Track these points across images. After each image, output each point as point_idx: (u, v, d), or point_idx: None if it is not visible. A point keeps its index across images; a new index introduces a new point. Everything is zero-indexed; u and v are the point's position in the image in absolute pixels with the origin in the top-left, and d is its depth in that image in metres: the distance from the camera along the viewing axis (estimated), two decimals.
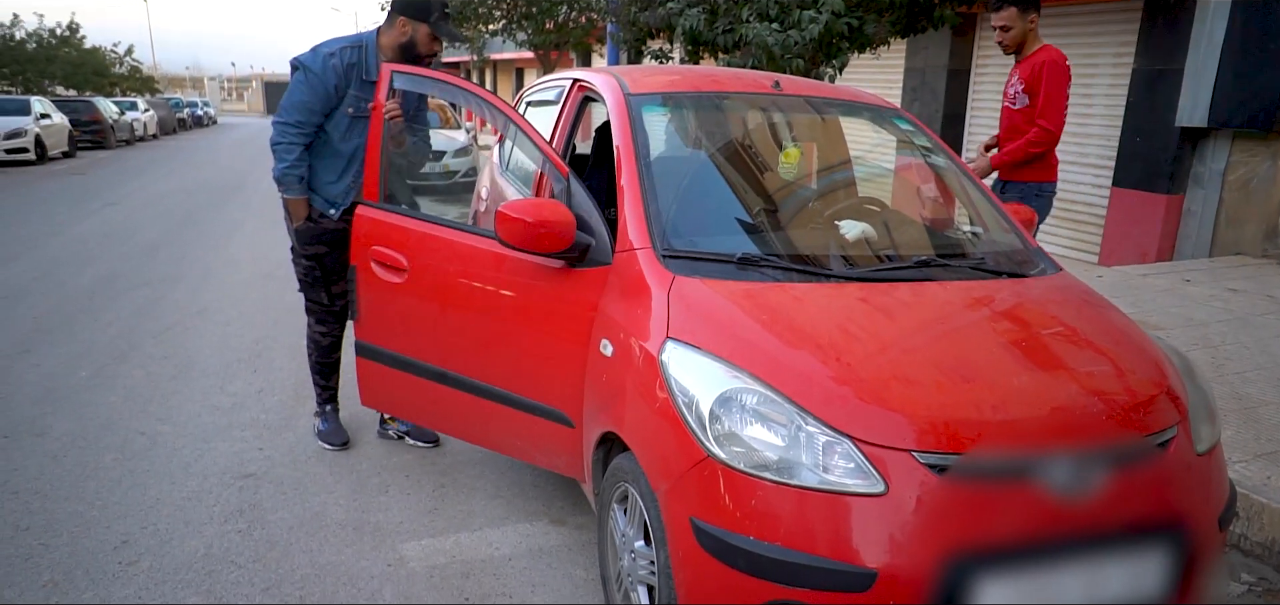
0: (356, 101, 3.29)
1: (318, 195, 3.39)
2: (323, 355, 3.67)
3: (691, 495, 1.92)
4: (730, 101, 3.05)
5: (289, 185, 3.29)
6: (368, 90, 3.29)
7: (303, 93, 3.22)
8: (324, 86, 3.20)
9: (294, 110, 3.24)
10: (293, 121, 3.24)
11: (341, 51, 3.25)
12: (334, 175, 3.39)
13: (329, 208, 3.40)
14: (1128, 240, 7.75)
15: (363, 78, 3.29)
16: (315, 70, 3.20)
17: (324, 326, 3.60)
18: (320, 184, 3.39)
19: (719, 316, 2.12)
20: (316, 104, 3.22)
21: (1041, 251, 2.78)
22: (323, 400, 3.76)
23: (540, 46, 15.60)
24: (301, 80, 3.23)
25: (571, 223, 2.44)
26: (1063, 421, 1.87)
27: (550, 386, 2.67)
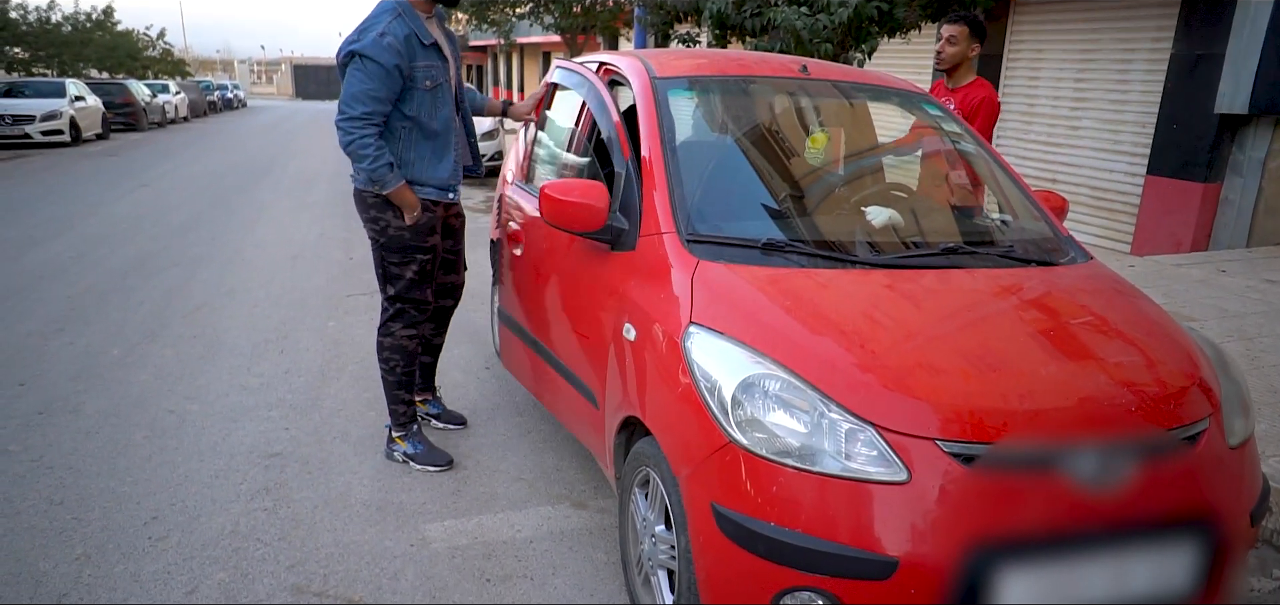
0: (428, 72, 3.02)
1: (428, 186, 3.12)
2: (409, 364, 3.31)
3: (713, 480, 1.91)
4: (757, 85, 3.02)
5: (386, 178, 2.97)
6: (431, 55, 3.04)
7: (364, 81, 2.90)
8: (384, 69, 2.90)
9: (359, 101, 2.90)
10: (359, 114, 2.91)
11: (391, 24, 2.93)
12: (437, 158, 3.13)
13: (444, 193, 3.18)
14: (1161, 229, 7.60)
15: (423, 43, 3.01)
16: (373, 55, 2.88)
17: (415, 330, 3.28)
18: (426, 173, 3.11)
19: (742, 302, 2.10)
20: (381, 90, 2.91)
21: (1071, 239, 2.73)
22: (407, 418, 3.37)
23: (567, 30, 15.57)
24: (360, 69, 2.91)
25: (602, 205, 2.45)
26: (1090, 412, 1.83)
27: (586, 364, 2.72)
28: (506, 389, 4.19)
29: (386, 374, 3.30)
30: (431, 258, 3.21)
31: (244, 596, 2.52)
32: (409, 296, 3.22)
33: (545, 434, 3.69)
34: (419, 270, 3.19)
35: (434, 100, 3.06)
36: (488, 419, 3.84)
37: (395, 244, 3.12)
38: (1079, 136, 8.59)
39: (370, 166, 2.93)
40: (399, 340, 3.25)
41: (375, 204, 3.07)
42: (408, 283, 3.19)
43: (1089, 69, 8.46)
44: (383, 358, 3.29)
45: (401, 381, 3.31)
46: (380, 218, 3.09)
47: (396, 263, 3.15)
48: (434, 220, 3.17)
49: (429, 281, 3.26)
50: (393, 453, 3.38)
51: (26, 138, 16.53)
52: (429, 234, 3.16)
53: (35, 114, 16.68)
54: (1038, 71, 9.06)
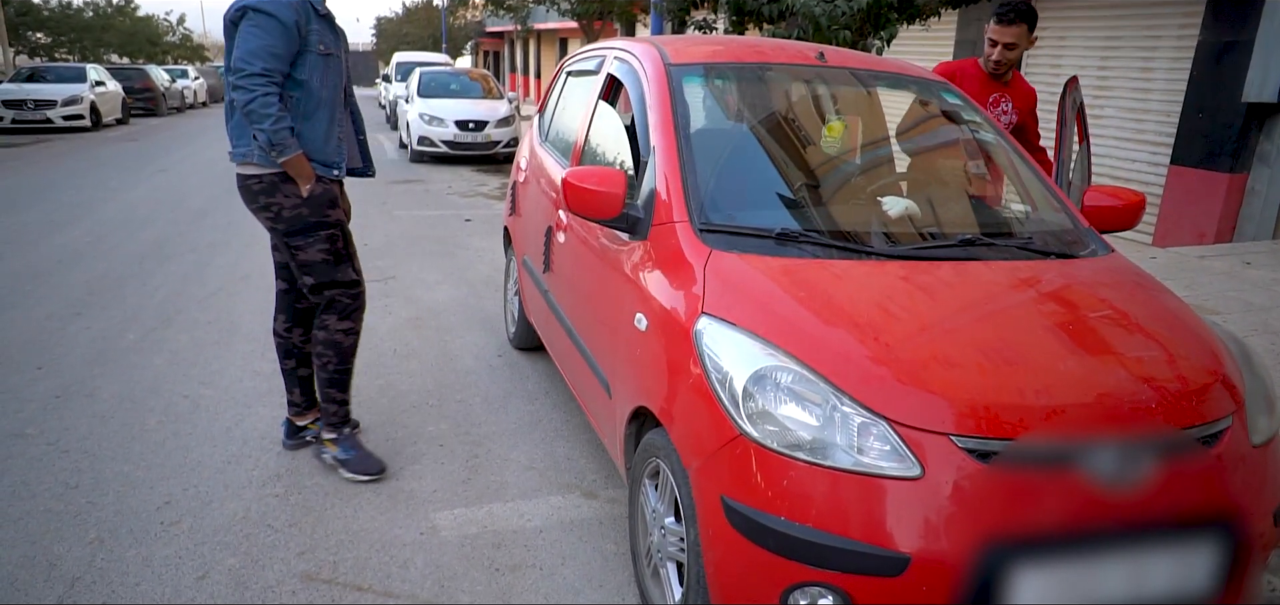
0: (322, 37, 2.83)
1: (314, 161, 2.88)
2: (344, 362, 3.09)
3: (723, 473, 1.89)
4: (773, 73, 2.98)
5: (286, 144, 2.74)
6: (324, 24, 2.86)
7: (262, 36, 2.67)
8: (282, 24, 2.68)
9: (257, 57, 2.66)
10: (259, 70, 2.66)
11: None
12: (323, 130, 2.89)
13: (330, 171, 2.93)
14: (1185, 220, 7.48)
15: (317, 11, 2.83)
16: (269, 9, 2.67)
17: (349, 321, 3.07)
18: (313, 145, 2.87)
19: (755, 293, 2.07)
20: (280, 46, 2.69)
21: (1092, 232, 2.68)
22: (340, 419, 3.16)
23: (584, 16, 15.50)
24: (256, 24, 2.67)
25: (619, 192, 2.42)
26: (1109, 409, 1.79)
27: (601, 348, 2.72)
28: (518, 377, 4.18)
29: (319, 371, 3.11)
30: (339, 231, 2.99)
31: (254, 583, 2.52)
32: (327, 278, 2.98)
33: (557, 423, 3.67)
34: (329, 247, 2.96)
35: (326, 67, 2.87)
36: (500, 407, 3.83)
37: (295, 225, 2.89)
38: (1102, 125, 8.46)
39: (271, 127, 2.69)
40: (333, 335, 3.04)
41: (262, 190, 2.84)
42: (321, 265, 2.96)
43: (1112, 57, 8.33)
44: (316, 353, 3.08)
45: (334, 378, 3.10)
46: (271, 202, 2.86)
47: (302, 245, 2.92)
48: (331, 192, 2.95)
49: (346, 259, 3.04)
50: (322, 455, 3.19)
51: (48, 122, 16.70)
52: (329, 206, 2.93)
53: (57, 99, 16.82)
54: (1060, 60, 8.93)
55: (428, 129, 12.68)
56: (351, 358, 3.13)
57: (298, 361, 3.26)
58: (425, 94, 13.56)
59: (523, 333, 4.33)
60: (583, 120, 3.37)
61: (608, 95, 3.25)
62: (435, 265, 6.53)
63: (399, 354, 4.48)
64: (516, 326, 4.42)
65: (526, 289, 4.02)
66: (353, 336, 3.09)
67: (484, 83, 14.83)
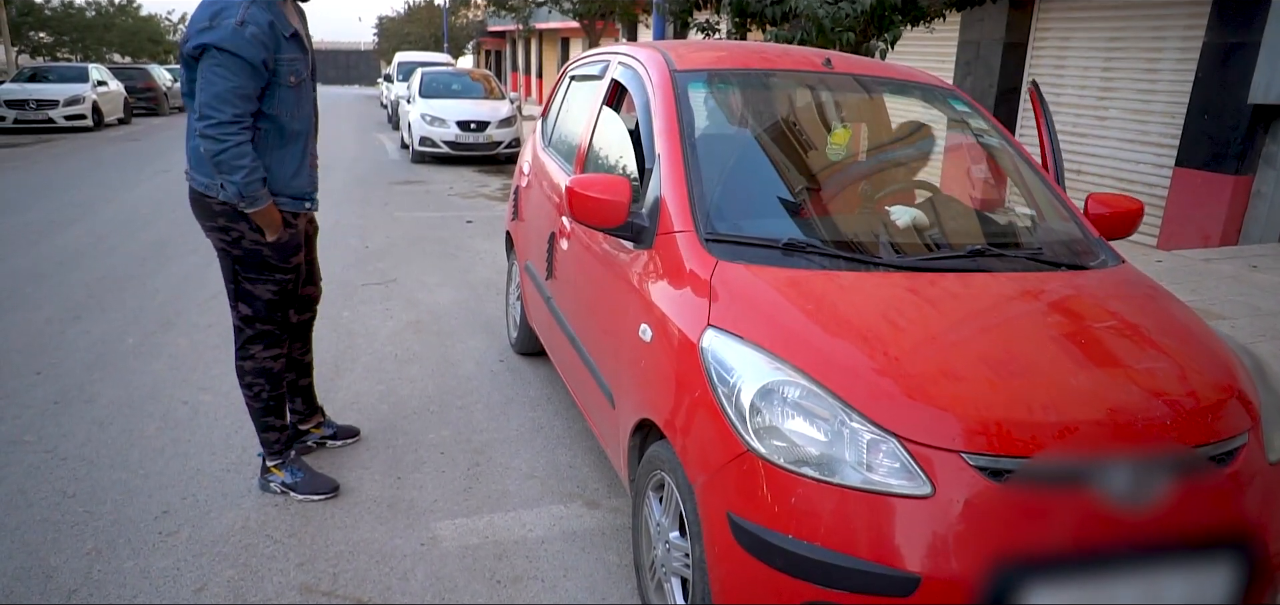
0: (293, 66, 2.68)
1: (284, 196, 2.75)
2: (275, 387, 2.96)
3: (729, 489, 1.86)
4: (779, 79, 2.95)
5: (257, 196, 2.61)
6: (293, 47, 2.68)
7: (228, 78, 2.50)
8: (249, 65, 2.52)
9: (226, 103, 2.50)
10: (231, 117, 2.51)
11: (250, 11, 2.53)
12: (294, 164, 2.77)
13: (301, 204, 2.82)
14: (1190, 223, 7.44)
15: (284, 35, 2.65)
16: (234, 49, 2.49)
17: (277, 349, 2.94)
18: (283, 181, 2.74)
19: (762, 305, 2.04)
20: (249, 86, 2.54)
21: (1102, 242, 2.64)
22: (282, 446, 3.04)
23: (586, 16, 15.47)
24: (221, 66, 2.49)
25: (623, 201, 2.39)
26: (1122, 426, 1.76)
27: (604, 358, 2.69)
28: (520, 383, 4.15)
29: (251, 401, 2.95)
30: (294, 278, 2.89)
31: (252, 595, 2.49)
32: (262, 320, 2.85)
33: (558, 430, 3.64)
34: (278, 290, 2.84)
35: (298, 98, 2.73)
36: (501, 413, 3.80)
37: (252, 259, 2.75)
38: (1106, 127, 8.43)
39: (243, 180, 2.56)
40: (261, 363, 2.90)
41: (222, 211, 2.68)
42: (264, 304, 2.83)
43: (1117, 57, 8.29)
44: (245, 383, 2.93)
45: (268, 406, 2.96)
46: (232, 227, 2.70)
47: (252, 280, 2.78)
48: (298, 236, 2.84)
49: (291, 301, 2.95)
50: (269, 483, 3.04)
51: (51, 122, 16.67)
52: (293, 253, 2.83)
53: (59, 99, 16.80)
54: (1064, 60, 8.89)
55: (429, 129, 12.66)
56: (283, 380, 3.01)
57: (298, 373, 3.25)
58: (427, 94, 13.53)
59: (524, 338, 4.30)
60: (586, 126, 3.33)
61: (612, 101, 3.22)
62: (436, 267, 6.50)
63: (400, 358, 4.45)
64: (518, 331, 4.39)
65: (529, 294, 3.99)
66: (281, 360, 2.97)
67: (486, 83, 14.80)
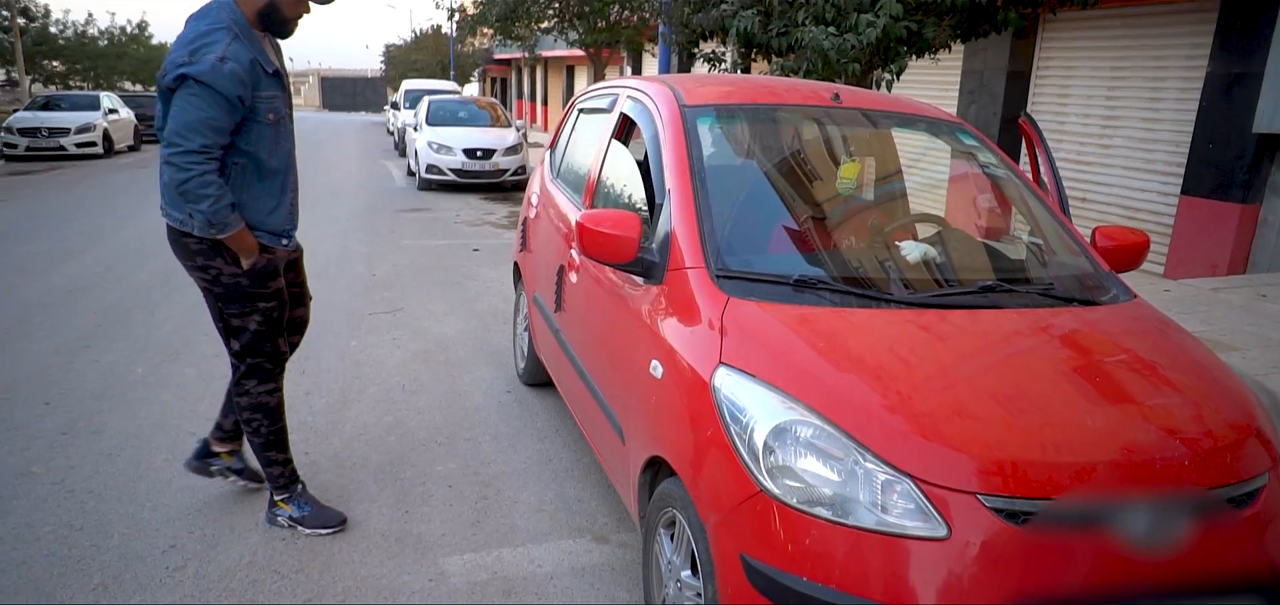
0: (272, 104, 2.67)
1: (261, 231, 2.73)
2: (274, 421, 2.95)
3: (743, 530, 1.85)
4: (788, 114, 2.96)
5: (227, 221, 2.57)
6: (273, 85, 2.67)
7: (201, 109, 2.48)
8: (225, 99, 2.50)
9: (195, 132, 2.48)
10: (198, 147, 2.48)
11: (231, 48, 2.52)
12: (272, 201, 2.74)
13: (279, 240, 2.79)
14: (1196, 252, 7.42)
15: (266, 71, 2.64)
16: (212, 82, 2.47)
17: (272, 383, 2.91)
18: (259, 216, 2.71)
19: (774, 342, 2.03)
20: (222, 120, 2.51)
21: (1113, 276, 2.64)
22: (287, 479, 3.03)
23: (591, 45, 15.58)
24: (196, 96, 2.47)
25: (633, 236, 2.39)
26: (1140, 466, 1.74)
27: (614, 393, 2.68)
28: (528, 414, 4.14)
29: (251, 437, 2.94)
30: (277, 304, 2.85)
31: None
32: (253, 350, 2.83)
33: (567, 463, 3.63)
34: (264, 320, 2.81)
35: (276, 135, 2.71)
36: (509, 445, 3.78)
37: (232, 293, 2.73)
38: (1110, 155, 8.43)
39: (210, 209, 2.52)
40: (257, 398, 2.88)
41: (201, 250, 2.66)
42: (253, 336, 2.81)
43: (1120, 86, 8.31)
44: (243, 419, 2.91)
45: (269, 441, 2.94)
46: (210, 265, 2.69)
47: (237, 314, 2.77)
48: (275, 262, 2.80)
49: (279, 331, 2.89)
50: (277, 517, 3.02)
51: (62, 150, 16.80)
52: (270, 278, 2.79)
53: (70, 127, 16.92)
54: (1067, 89, 8.92)
55: (436, 157, 12.72)
56: (282, 414, 2.98)
57: None
58: (434, 122, 13.62)
59: (532, 369, 4.29)
60: (595, 159, 3.34)
61: (620, 134, 3.23)
62: (443, 296, 6.51)
63: (407, 389, 4.44)
64: (526, 362, 4.39)
65: (537, 326, 3.99)
66: (278, 394, 2.94)
67: (492, 111, 14.89)
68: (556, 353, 3.52)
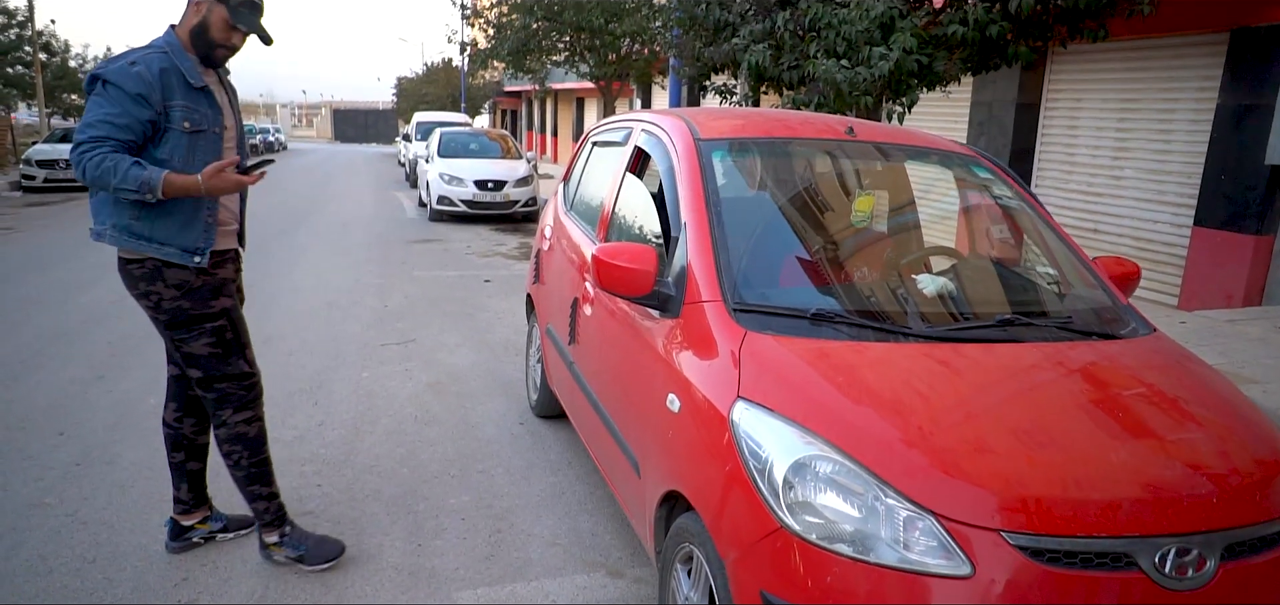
0: (189, 114, 2.59)
1: (169, 245, 2.61)
2: (257, 452, 2.85)
3: (762, 566, 1.83)
4: (802, 147, 2.96)
5: (149, 181, 2.44)
6: (199, 98, 2.63)
7: (102, 105, 2.47)
8: (127, 95, 2.46)
9: (91, 127, 2.45)
10: (88, 139, 2.44)
11: (146, 57, 2.53)
12: (184, 216, 2.62)
13: (191, 257, 2.64)
14: (1211, 283, 7.38)
15: (190, 84, 2.60)
16: (116, 80, 2.47)
17: (249, 411, 2.82)
18: (168, 232, 2.60)
19: (792, 376, 2.02)
20: (122, 117, 2.46)
21: (1132, 309, 2.62)
22: (274, 516, 2.93)
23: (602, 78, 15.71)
24: (100, 94, 2.48)
25: (650, 270, 2.39)
26: (1168, 504, 1.72)
27: (630, 427, 2.67)
28: (541, 446, 4.12)
29: (233, 470, 2.85)
30: (227, 322, 2.75)
31: None
32: (218, 372, 2.74)
33: (580, 496, 3.61)
34: (215, 340, 2.71)
35: (193, 146, 2.61)
36: (522, 478, 3.77)
37: (176, 318, 2.66)
38: (1121, 186, 8.42)
39: (121, 180, 2.42)
40: (235, 429, 2.79)
41: (143, 275, 2.63)
42: (209, 359, 2.72)
43: (1130, 118, 8.31)
44: (223, 453, 2.83)
45: (252, 474, 2.85)
46: (150, 291, 2.64)
47: (186, 340, 2.69)
48: (214, 281, 2.72)
49: (238, 350, 2.79)
50: (273, 558, 2.94)
51: (78, 182, 16.96)
52: (211, 297, 2.70)
53: None
54: (1077, 121, 8.93)
55: (447, 188, 12.81)
56: (264, 446, 2.89)
57: (187, 454, 3.00)
58: (445, 154, 13.73)
59: (545, 401, 4.28)
60: (610, 192, 3.36)
61: (635, 167, 3.25)
62: (455, 327, 6.52)
63: (420, 420, 4.43)
64: (539, 394, 4.38)
65: (550, 358, 3.98)
66: (257, 424, 2.85)
67: (503, 143, 15.00)
68: (570, 385, 3.51)
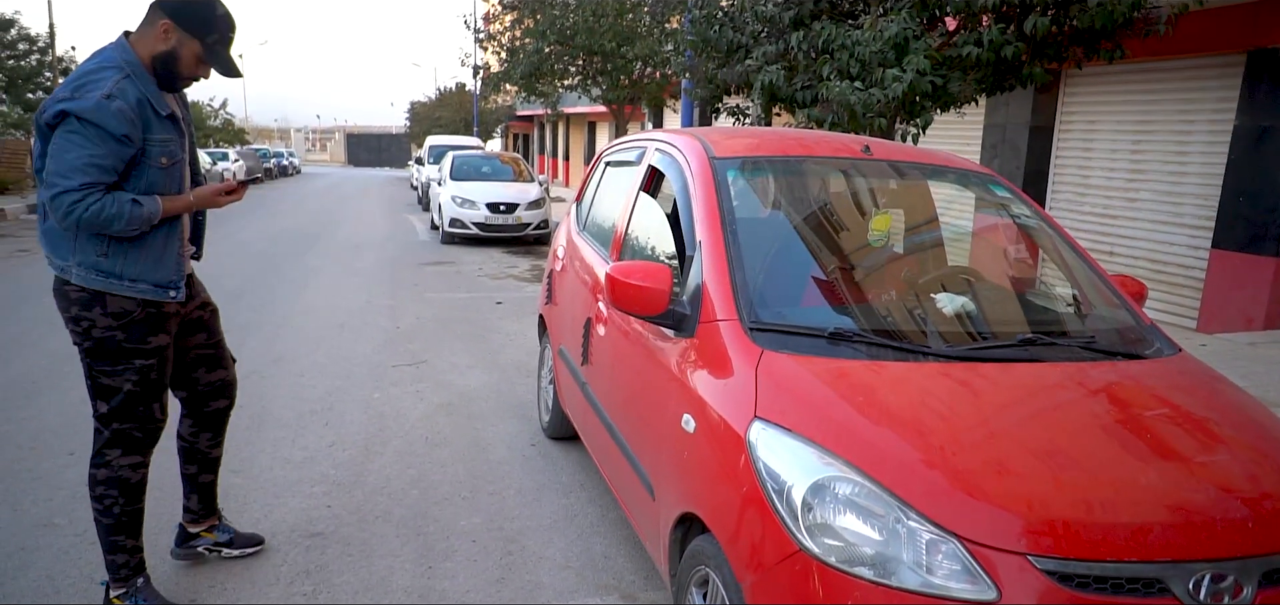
0: (165, 147, 2.49)
1: (142, 282, 2.50)
2: (133, 501, 2.64)
3: (781, 590, 1.78)
4: (818, 166, 2.94)
5: (151, 216, 2.43)
6: (168, 127, 2.51)
7: (84, 146, 2.31)
8: (111, 137, 2.33)
9: (79, 172, 2.30)
10: (77, 185, 2.30)
11: (120, 85, 2.37)
12: (158, 250, 2.53)
13: (165, 292, 2.55)
14: (1230, 305, 7.29)
15: (159, 113, 2.47)
16: (97, 120, 2.30)
17: (138, 456, 2.63)
18: (142, 267, 2.50)
19: (810, 396, 1.98)
20: (108, 159, 2.34)
21: (1155, 329, 2.57)
22: (130, 570, 2.68)
23: (614, 102, 15.78)
24: (78, 134, 2.30)
25: (664, 288, 2.37)
26: (1201, 528, 1.67)
27: (644, 448, 2.63)
28: (552, 468, 4.08)
29: (100, 516, 2.61)
30: (156, 363, 2.58)
31: None
32: (129, 415, 2.56)
33: (592, 518, 3.56)
34: (140, 380, 2.55)
35: (168, 180, 2.52)
36: (534, 500, 3.72)
37: (105, 348, 2.50)
38: (1137, 208, 8.35)
39: (126, 223, 2.37)
40: (118, 472, 2.59)
41: (78, 299, 2.47)
42: (125, 397, 2.54)
43: (1145, 140, 8.26)
44: (95, 495, 2.60)
45: (120, 522, 2.61)
46: (83, 316, 2.48)
47: (107, 373, 2.52)
48: (160, 318, 2.58)
49: (156, 395, 2.62)
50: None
51: None
52: (150, 333, 2.55)
53: None
54: (1091, 143, 8.88)
55: (459, 211, 12.85)
56: (142, 495, 2.68)
57: (200, 467, 3.03)
58: (457, 177, 13.79)
59: (557, 422, 4.25)
60: (623, 211, 3.34)
61: (649, 187, 3.23)
62: (467, 349, 6.50)
63: (431, 441, 4.40)
64: (550, 415, 4.34)
65: (562, 379, 3.95)
66: (141, 470, 2.65)
67: (515, 166, 15.06)
68: (583, 405, 3.48)
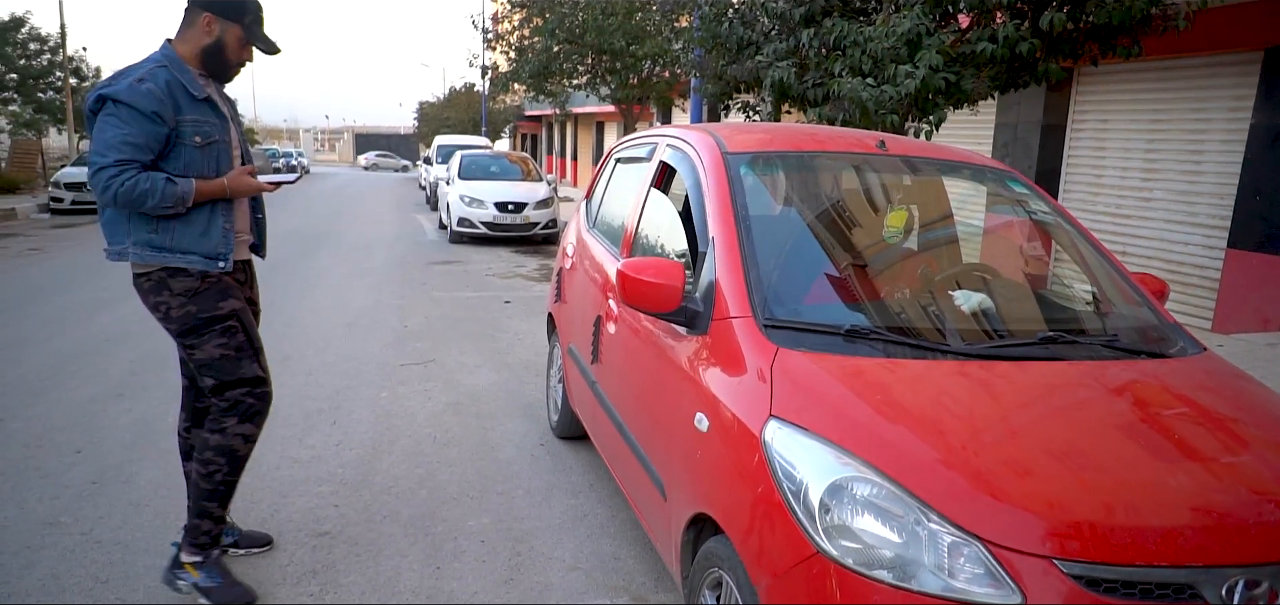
0: (198, 127, 2.62)
1: (192, 253, 2.64)
2: (234, 471, 2.75)
3: (798, 593, 1.73)
4: (832, 161, 2.89)
5: (184, 196, 2.55)
6: (202, 110, 2.64)
7: (119, 127, 2.47)
8: (142, 115, 2.48)
9: (113, 148, 2.46)
10: (112, 161, 2.46)
11: (151, 72, 2.54)
12: (202, 225, 2.65)
13: (215, 263, 2.68)
14: (1247, 306, 7.20)
15: (193, 96, 2.62)
16: (128, 100, 2.47)
17: (251, 423, 2.76)
18: (189, 240, 2.63)
19: (826, 395, 1.94)
20: (140, 137, 2.48)
21: (1179, 328, 2.52)
22: (211, 540, 2.79)
23: (623, 101, 15.74)
24: (113, 115, 2.48)
25: (676, 285, 2.32)
26: (1233, 531, 1.62)
27: (655, 448, 2.58)
28: (561, 468, 4.04)
29: (201, 480, 2.72)
30: (237, 323, 2.72)
31: None
32: (235, 378, 2.71)
33: (602, 519, 3.52)
34: (227, 341, 2.69)
35: (205, 160, 2.63)
36: (543, 500, 3.68)
37: (186, 325, 2.66)
38: (1151, 208, 8.27)
39: (157, 203, 2.50)
40: (230, 440, 2.71)
41: (150, 287, 2.65)
42: (221, 361, 2.69)
43: (1160, 138, 8.18)
44: (202, 459, 2.72)
45: (217, 490, 2.73)
46: (159, 302, 2.65)
47: (196, 346, 2.68)
48: (221, 285, 2.70)
49: (251, 354, 2.76)
50: (178, 581, 2.78)
51: None
52: (219, 299, 2.69)
53: None
54: (1104, 141, 8.79)
55: (467, 210, 12.83)
56: (242, 468, 2.79)
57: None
58: (466, 176, 13.77)
59: (566, 421, 4.21)
60: (634, 208, 3.29)
61: (660, 183, 3.18)
62: (475, 348, 6.47)
63: (439, 441, 4.37)
64: (560, 415, 4.30)
65: (572, 378, 3.91)
66: (250, 443, 2.78)
67: (523, 166, 15.04)
68: (592, 404, 3.44)
